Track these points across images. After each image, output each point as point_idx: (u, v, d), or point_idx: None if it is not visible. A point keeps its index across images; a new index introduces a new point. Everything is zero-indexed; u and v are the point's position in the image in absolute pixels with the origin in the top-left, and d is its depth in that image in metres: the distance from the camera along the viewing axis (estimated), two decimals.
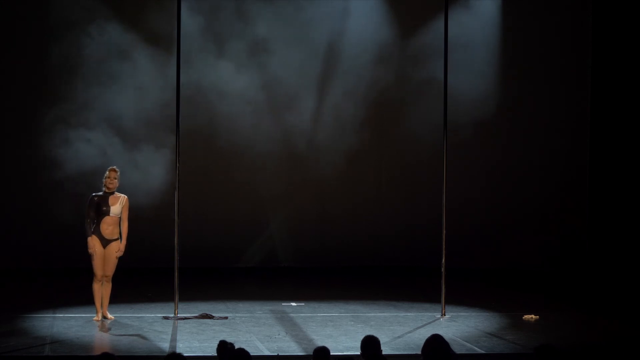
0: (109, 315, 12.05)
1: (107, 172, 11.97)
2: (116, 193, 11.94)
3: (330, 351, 7.50)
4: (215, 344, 9.48)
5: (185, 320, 12.05)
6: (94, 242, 11.90)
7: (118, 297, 13.55)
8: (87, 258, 15.95)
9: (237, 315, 12.55)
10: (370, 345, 7.35)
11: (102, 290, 11.97)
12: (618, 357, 10.60)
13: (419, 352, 9.92)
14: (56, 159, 15.76)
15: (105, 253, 11.97)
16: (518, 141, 17.17)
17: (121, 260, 16.37)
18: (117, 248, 11.98)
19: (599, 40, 16.90)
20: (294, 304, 13.40)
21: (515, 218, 17.07)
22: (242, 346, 7.71)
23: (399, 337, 11.32)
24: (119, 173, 12.00)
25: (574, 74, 17.15)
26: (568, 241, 17.04)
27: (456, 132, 16.00)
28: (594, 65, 16.99)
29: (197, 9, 16.15)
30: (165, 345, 10.66)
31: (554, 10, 17.06)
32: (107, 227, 11.95)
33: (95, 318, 11.99)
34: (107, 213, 11.90)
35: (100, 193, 11.94)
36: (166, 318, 12.14)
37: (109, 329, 11.52)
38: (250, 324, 11.92)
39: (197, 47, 16.06)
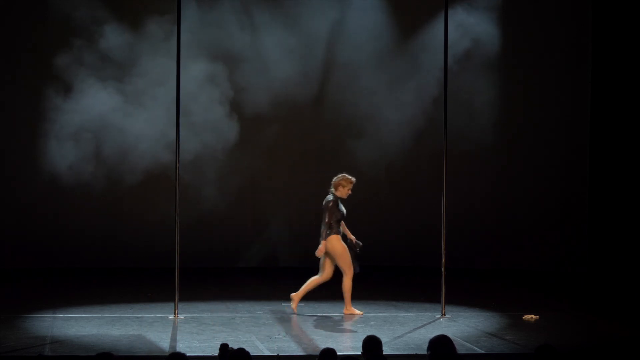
0: (357, 311, 12.66)
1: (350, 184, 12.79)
2: None
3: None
4: (215, 344, 9.51)
5: (184, 320, 12.06)
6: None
7: (118, 297, 13.59)
8: (93, 258, 16.00)
9: (237, 315, 12.55)
10: (372, 345, 7.35)
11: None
12: (618, 358, 10.60)
13: (419, 352, 9.95)
14: (56, 158, 15.76)
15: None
16: (519, 142, 17.16)
17: (122, 260, 16.52)
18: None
19: (599, 42, 16.89)
20: None
21: (516, 218, 17.06)
22: (242, 346, 7.70)
23: (399, 337, 11.32)
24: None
25: (574, 77, 17.12)
26: (568, 241, 17.04)
27: (458, 134, 16.01)
28: (594, 68, 16.98)
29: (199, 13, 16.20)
30: (165, 345, 10.67)
31: (554, 11, 17.06)
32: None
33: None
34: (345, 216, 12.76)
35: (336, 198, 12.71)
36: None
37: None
38: (250, 324, 11.92)
39: (192, 49, 16.01)
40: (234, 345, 8.22)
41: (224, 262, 16.75)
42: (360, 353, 7.51)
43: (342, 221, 12.83)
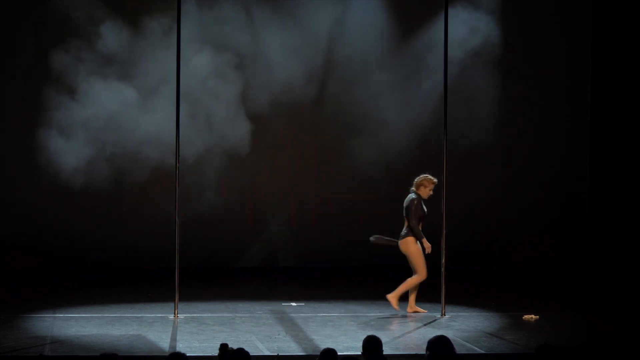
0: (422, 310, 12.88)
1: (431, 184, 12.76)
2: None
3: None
4: (215, 344, 9.51)
5: (184, 320, 12.07)
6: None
7: (118, 297, 13.59)
8: (102, 258, 15.96)
9: (237, 315, 12.56)
10: (372, 345, 7.36)
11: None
12: (618, 358, 10.60)
13: (419, 352, 9.95)
14: (57, 157, 15.76)
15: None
16: (519, 142, 17.15)
17: (122, 260, 16.52)
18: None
19: (599, 42, 16.89)
20: (294, 304, 13.41)
21: (515, 218, 17.06)
22: (242, 346, 7.71)
23: (399, 337, 11.33)
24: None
25: (574, 77, 17.12)
26: (568, 241, 17.04)
27: (458, 134, 16.01)
28: (594, 68, 16.98)
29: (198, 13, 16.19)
30: (165, 345, 10.67)
31: (554, 11, 17.06)
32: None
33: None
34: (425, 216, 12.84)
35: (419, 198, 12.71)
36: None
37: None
38: (250, 324, 11.93)
39: (189, 47, 15.97)
40: (234, 345, 8.22)
41: (224, 262, 16.75)
42: (360, 353, 7.51)
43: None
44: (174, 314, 12.29)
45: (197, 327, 11.72)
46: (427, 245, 12.66)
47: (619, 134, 16.74)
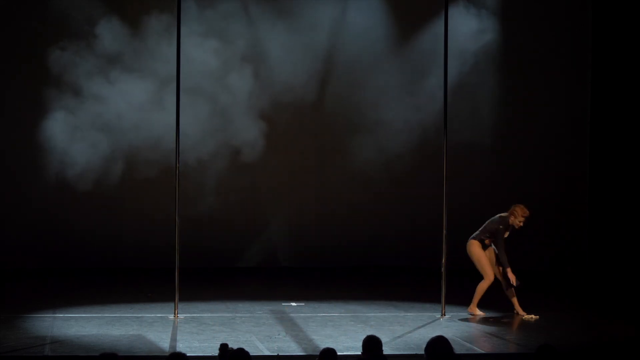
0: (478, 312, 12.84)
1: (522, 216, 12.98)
2: None
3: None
4: (215, 344, 9.52)
5: (184, 320, 12.07)
6: None
7: (118, 297, 13.59)
8: (102, 258, 15.98)
9: (237, 315, 12.56)
10: (372, 345, 7.36)
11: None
12: (618, 358, 10.60)
13: (419, 352, 9.95)
14: (58, 157, 15.76)
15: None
16: (519, 142, 17.16)
17: (122, 260, 16.51)
18: None
19: (599, 42, 16.90)
20: (294, 304, 13.40)
21: None
22: (242, 346, 7.71)
23: (399, 337, 11.32)
24: None
25: (574, 77, 17.13)
26: (568, 241, 17.03)
27: (457, 133, 16.01)
28: (594, 68, 16.98)
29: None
30: (165, 345, 10.67)
31: (554, 11, 17.07)
32: None
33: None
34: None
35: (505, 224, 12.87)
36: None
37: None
38: (250, 324, 11.93)
39: (193, 44, 15.96)
40: (234, 345, 8.23)
41: (224, 262, 16.75)
42: (360, 353, 7.51)
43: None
44: (174, 314, 12.29)
45: (197, 327, 11.72)
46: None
47: (619, 134, 16.74)
